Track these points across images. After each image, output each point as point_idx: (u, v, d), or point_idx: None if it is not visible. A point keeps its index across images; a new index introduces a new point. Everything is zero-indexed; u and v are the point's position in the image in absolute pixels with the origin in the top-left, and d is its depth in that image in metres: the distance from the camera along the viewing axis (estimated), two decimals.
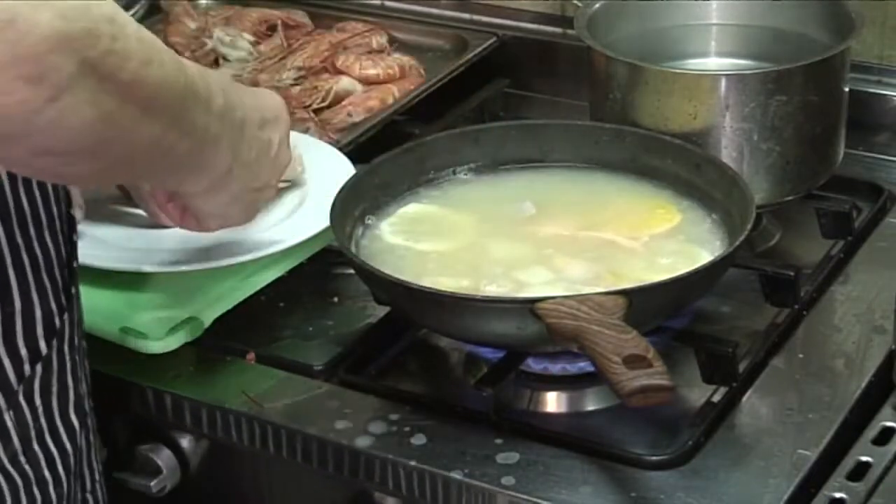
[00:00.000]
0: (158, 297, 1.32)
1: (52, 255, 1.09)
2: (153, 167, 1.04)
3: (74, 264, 1.14)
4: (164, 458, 1.30)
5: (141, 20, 1.89)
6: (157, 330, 1.28)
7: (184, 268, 1.33)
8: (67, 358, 1.12)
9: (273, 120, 1.20)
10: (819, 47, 1.47)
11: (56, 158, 0.92)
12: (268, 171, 1.20)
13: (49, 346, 1.09)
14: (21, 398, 1.07)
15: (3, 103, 0.85)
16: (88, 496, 1.18)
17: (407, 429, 1.21)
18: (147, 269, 1.31)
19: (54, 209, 1.10)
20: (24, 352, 1.07)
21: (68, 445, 1.13)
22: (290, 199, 1.43)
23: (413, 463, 1.18)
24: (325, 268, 1.42)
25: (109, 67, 0.89)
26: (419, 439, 1.20)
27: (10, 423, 1.07)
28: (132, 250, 1.34)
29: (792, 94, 1.39)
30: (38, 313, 1.08)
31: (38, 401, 1.09)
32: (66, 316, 1.11)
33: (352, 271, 1.35)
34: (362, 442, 1.20)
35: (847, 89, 1.46)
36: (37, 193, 1.07)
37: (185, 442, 1.31)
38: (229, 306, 1.32)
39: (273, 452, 1.24)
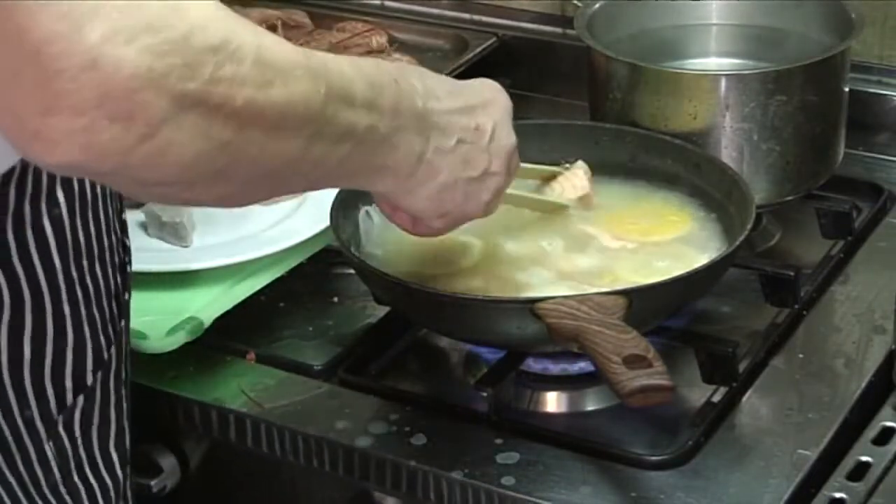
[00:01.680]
0: (158, 297, 1.32)
1: (102, 287, 1.08)
2: (310, 178, 0.98)
3: (126, 296, 1.12)
4: (164, 457, 1.30)
5: None
6: (157, 330, 1.28)
7: (184, 267, 1.33)
8: (112, 390, 1.10)
9: (482, 105, 1.13)
10: (819, 47, 1.47)
11: (170, 188, 0.88)
12: (483, 158, 1.11)
13: (94, 378, 1.08)
14: (61, 428, 1.06)
15: (94, 142, 0.81)
16: None
17: (407, 429, 1.21)
18: (147, 268, 1.30)
19: (105, 240, 1.08)
20: (69, 383, 1.06)
21: (108, 479, 1.12)
22: (290, 199, 1.43)
23: (413, 463, 1.18)
24: (325, 268, 1.42)
25: (218, 97, 0.84)
26: (419, 439, 1.20)
27: (50, 454, 1.06)
28: (132, 250, 1.34)
29: (792, 94, 1.39)
30: (89, 346, 1.07)
31: (77, 431, 1.08)
32: (112, 349, 1.09)
33: (352, 271, 1.35)
34: (362, 442, 1.20)
35: (847, 89, 1.46)
36: (91, 226, 1.05)
37: (185, 442, 1.31)
38: (229, 306, 1.32)
39: (273, 452, 1.24)
